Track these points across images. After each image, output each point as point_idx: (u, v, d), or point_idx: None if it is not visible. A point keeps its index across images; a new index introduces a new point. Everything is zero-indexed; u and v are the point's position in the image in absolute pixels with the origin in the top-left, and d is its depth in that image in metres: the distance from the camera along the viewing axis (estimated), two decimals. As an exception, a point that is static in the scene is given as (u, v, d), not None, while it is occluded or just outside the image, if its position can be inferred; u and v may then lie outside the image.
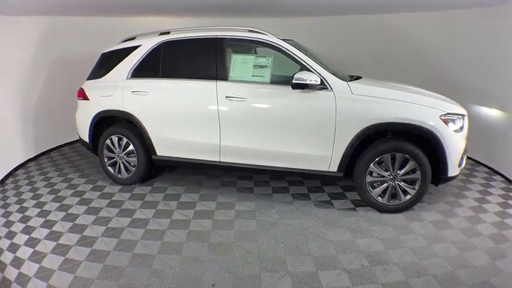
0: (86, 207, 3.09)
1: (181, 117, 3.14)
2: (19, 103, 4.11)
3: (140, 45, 3.35)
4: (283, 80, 2.94)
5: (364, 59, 4.88)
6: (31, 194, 3.38)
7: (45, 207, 3.08)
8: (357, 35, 4.97)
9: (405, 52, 4.69)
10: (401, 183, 2.76)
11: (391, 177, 2.76)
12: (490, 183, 3.41)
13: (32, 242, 2.52)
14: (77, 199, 3.25)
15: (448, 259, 2.23)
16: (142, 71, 3.32)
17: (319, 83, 2.71)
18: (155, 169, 3.69)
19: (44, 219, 2.86)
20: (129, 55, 3.38)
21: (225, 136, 3.02)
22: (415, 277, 2.06)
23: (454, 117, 2.66)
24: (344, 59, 4.42)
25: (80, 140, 3.82)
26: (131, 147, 3.40)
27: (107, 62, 3.57)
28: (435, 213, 2.83)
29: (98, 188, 3.50)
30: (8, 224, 2.81)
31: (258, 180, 3.57)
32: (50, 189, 3.50)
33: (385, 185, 2.79)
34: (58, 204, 3.14)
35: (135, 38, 3.59)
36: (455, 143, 2.63)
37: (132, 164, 3.46)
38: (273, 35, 3.02)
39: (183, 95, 3.13)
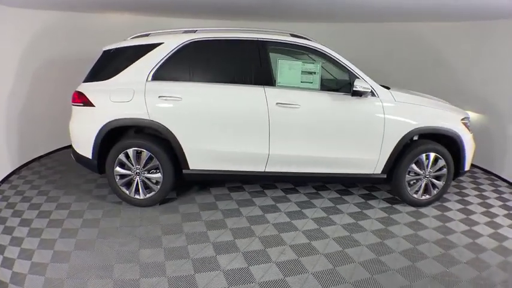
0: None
1: (224, 125, 2.87)
2: None
3: (162, 43, 2.91)
4: (328, 86, 2.98)
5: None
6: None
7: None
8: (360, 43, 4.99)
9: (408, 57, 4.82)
10: (433, 180, 3.13)
11: (425, 174, 3.10)
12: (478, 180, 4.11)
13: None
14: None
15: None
16: (167, 72, 2.90)
17: (370, 90, 2.86)
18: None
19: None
20: (148, 54, 2.90)
21: (274, 144, 2.89)
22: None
23: (466, 120, 3.17)
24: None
25: (76, 157, 3.09)
26: (155, 161, 2.92)
27: (115, 61, 2.99)
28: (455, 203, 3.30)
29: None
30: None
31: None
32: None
33: (420, 182, 3.12)
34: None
35: (149, 34, 3.11)
36: (470, 142, 3.13)
37: (154, 181, 2.98)
38: (315, 40, 3.03)
39: (226, 101, 2.86)
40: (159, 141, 2.93)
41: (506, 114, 3.73)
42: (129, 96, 2.84)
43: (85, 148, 2.96)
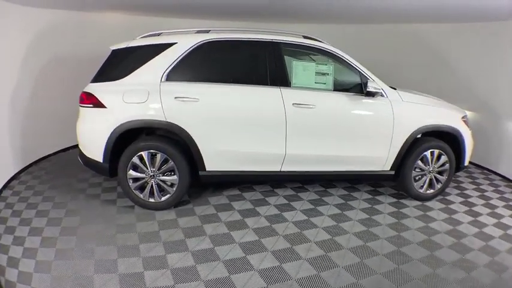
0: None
1: (241, 126, 2.88)
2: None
3: (176, 43, 2.86)
4: (339, 87, 3.08)
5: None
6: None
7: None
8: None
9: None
10: (437, 175, 3.31)
11: (430, 170, 3.28)
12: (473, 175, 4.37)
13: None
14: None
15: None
16: (182, 73, 2.86)
17: (381, 90, 2.99)
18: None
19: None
20: (161, 54, 2.85)
21: (291, 144, 2.94)
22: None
23: (465, 118, 3.39)
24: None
25: (84, 160, 2.96)
26: (170, 163, 2.86)
27: (126, 61, 2.91)
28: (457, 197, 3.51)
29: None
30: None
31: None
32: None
33: (425, 177, 3.29)
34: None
35: (160, 34, 3.05)
36: (469, 138, 3.35)
37: (169, 184, 2.92)
38: (327, 43, 3.12)
39: (244, 101, 2.87)
40: (173, 142, 2.88)
41: (500, 112, 3.94)
42: (144, 97, 2.77)
43: (95, 151, 2.85)
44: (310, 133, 2.96)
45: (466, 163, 3.39)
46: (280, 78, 2.92)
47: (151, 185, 2.90)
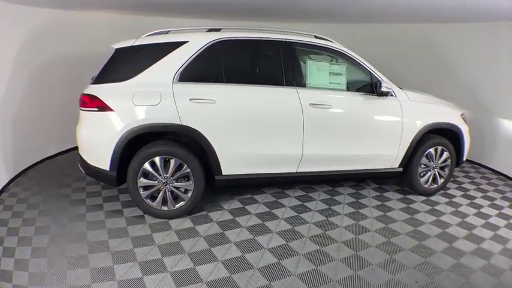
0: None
1: (259, 127, 2.80)
2: None
3: (187, 42, 2.72)
4: (349, 87, 3.12)
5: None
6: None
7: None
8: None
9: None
10: (439, 170, 3.47)
11: (433, 166, 3.43)
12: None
13: None
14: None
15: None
16: (195, 73, 2.72)
17: (391, 90, 3.07)
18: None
19: None
20: (172, 53, 2.70)
21: (307, 144, 2.91)
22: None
23: (463, 115, 3.59)
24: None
25: (87, 169, 2.71)
26: (185, 169, 2.71)
27: (132, 60, 2.72)
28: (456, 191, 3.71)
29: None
30: None
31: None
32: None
33: (429, 173, 3.43)
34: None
35: (168, 32, 2.89)
36: (467, 135, 3.55)
37: (183, 190, 2.77)
38: (338, 43, 3.14)
39: (262, 102, 2.80)
40: (193, 147, 2.74)
41: (492, 109, 4.14)
42: (156, 99, 2.59)
43: (100, 158, 2.63)
44: (326, 133, 2.96)
45: (465, 158, 3.59)
46: (296, 79, 2.88)
47: (165, 192, 2.73)
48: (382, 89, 2.96)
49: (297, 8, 3.74)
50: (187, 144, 2.76)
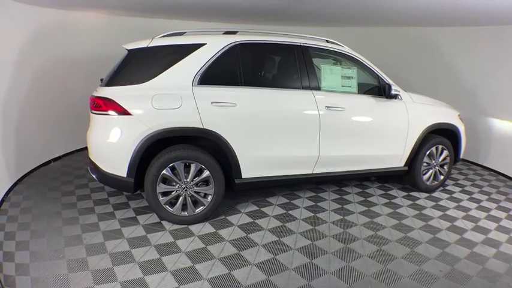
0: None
1: (278, 130, 2.83)
2: None
3: (205, 44, 2.70)
4: (359, 90, 3.23)
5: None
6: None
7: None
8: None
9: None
10: (439, 168, 3.68)
11: (435, 164, 3.63)
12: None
13: None
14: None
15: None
16: (214, 76, 2.71)
17: (399, 93, 3.22)
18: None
19: None
20: (190, 55, 2.67)
21: (323, 146, 2.98)
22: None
23: (460, 115, 3.84)
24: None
25: (100, 176, 2.60)
26: (206, 173, 2.68)
27: (147, 62, 2.64)
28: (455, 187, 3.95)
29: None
30: None
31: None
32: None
33: (430, 171, 3.63)
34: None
35: (184, 33, 2.85)
36: (464, 134, 3.78)
37: (203, 195, 2.73)
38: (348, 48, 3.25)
39: (282, 105, 2.83)
40: (213, 152, 2.70)
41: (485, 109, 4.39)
42: (177, 102, 2.55)
43: (117, 165, 2.53)
44: (341, 135, 3.05)
45: (461, 156, 3.84)
46: (312, 82, 2.95)
47: (185, 197, 2.67)
48: (392, 92, 3.10)
49: (307, 12, 3.80)
50: (205, 148, 2.72)
